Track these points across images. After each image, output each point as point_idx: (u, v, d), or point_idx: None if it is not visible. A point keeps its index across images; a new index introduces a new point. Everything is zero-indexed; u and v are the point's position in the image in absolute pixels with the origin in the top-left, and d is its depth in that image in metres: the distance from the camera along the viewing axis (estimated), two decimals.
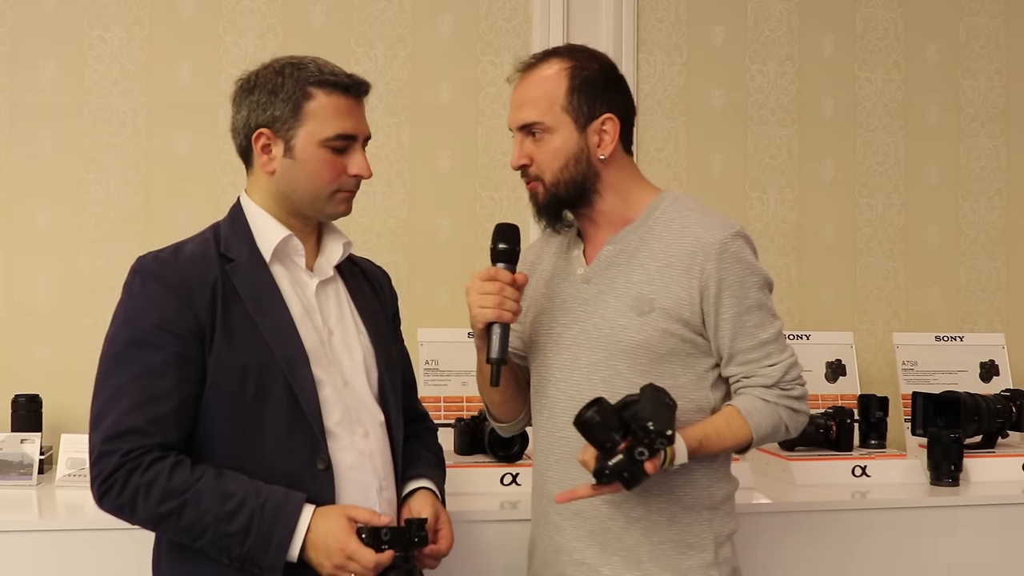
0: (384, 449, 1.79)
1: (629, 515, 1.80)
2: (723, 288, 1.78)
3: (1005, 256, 3.53)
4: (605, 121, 1.82)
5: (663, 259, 1.80)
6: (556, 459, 1.84)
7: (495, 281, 1.76)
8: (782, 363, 1.81)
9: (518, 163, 1.85)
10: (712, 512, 1.83)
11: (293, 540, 1.61)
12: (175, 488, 1.59)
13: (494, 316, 1.75)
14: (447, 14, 3.16)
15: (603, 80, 1.83)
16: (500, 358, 1.76)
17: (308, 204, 1.76)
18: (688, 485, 1.81)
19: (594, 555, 1.81)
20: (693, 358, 1.81)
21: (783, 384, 1.81)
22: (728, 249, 1.78)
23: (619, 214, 1.87)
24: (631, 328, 1.79)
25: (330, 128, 1.72)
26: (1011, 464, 2.77)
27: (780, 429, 1.83)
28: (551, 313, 1.90)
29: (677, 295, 1.78)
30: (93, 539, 2.15)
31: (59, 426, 2.68)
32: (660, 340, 1.78)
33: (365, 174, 1.77)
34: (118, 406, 1.61)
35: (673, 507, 1.80)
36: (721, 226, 1.81)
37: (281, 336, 1.69)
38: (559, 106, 1.80)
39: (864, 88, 3.45)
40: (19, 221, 2.90)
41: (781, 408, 1.81)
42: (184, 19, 2.99)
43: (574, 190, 1.83)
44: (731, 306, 1.78)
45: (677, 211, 1.84)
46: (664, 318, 1.78)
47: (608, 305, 1.82)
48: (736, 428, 1.79)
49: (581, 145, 1.81)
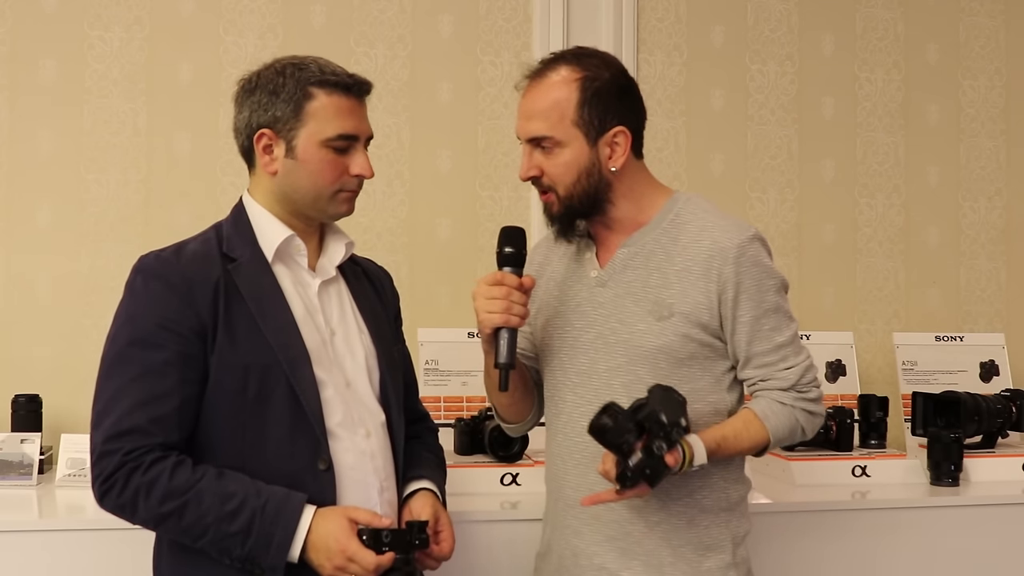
0: (385, 450, 1.79)
1: (649, 519, 1.80)
2: (741, 292, 1.78)
3: (1005, 256, 3.53)
4: (617, 134, 1.80)
5: (680, 263, 1.80)
6: (575, 464, 1.84)
7: (502, 286, 1.75)
8: (799, 366, 1.82)
9: (527, 175, 1.83)
10: (729, 513, 1.85)
11: (294, 541, 1.61)
12: (176, 488, 1.59)
13: (501, 321, 1.74)
14: (447, 14, 3.16)
15: (615, 91, 1.80)
16: (508, 363, 1.76)
17: (310, 204, 1.76)
18: (706, 487, 1.82)
19: (613, 559, 1.81)
20: (711, 361, 1.82)
21: (800, 387, 1.82)
22: (746, 253, 1.78)
23: (632, 218, 1.86)
24: (650, 333, 1.79)
25: (331, 128, 1.72)
26: (1011, 464, 2.77)
27: (797, 431, 1.84)
28: (565, 316, 1.89)
29: (696, 299, 1.78)
30: (93, 539, 2.15)
31: (59, 426, 2.68)
32: (680, 345, 1.78)
33: (367, 174, 1.76)
34: (119, 406, 1.61)
35: (692, 510, 1.81)
36: (738, 229, 1.81)
37: (283, 336, 1.69)
38: (569, 120, 1.78)
39: (864, 88, 3.45)
40: (19, 221, 2.89)
41: (798, 411, 1.82)
42: (184, 19, 2.99)
43: (587, 201, 1.82)
44: (748, 310, 1.79)
45: (692, 213, 1.84)
46: (683, 323, 1.78)
47: (626, 309, 1.82)
48: (754, 431, 1.80)
49: (592, 159, 1.79)
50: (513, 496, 2.44)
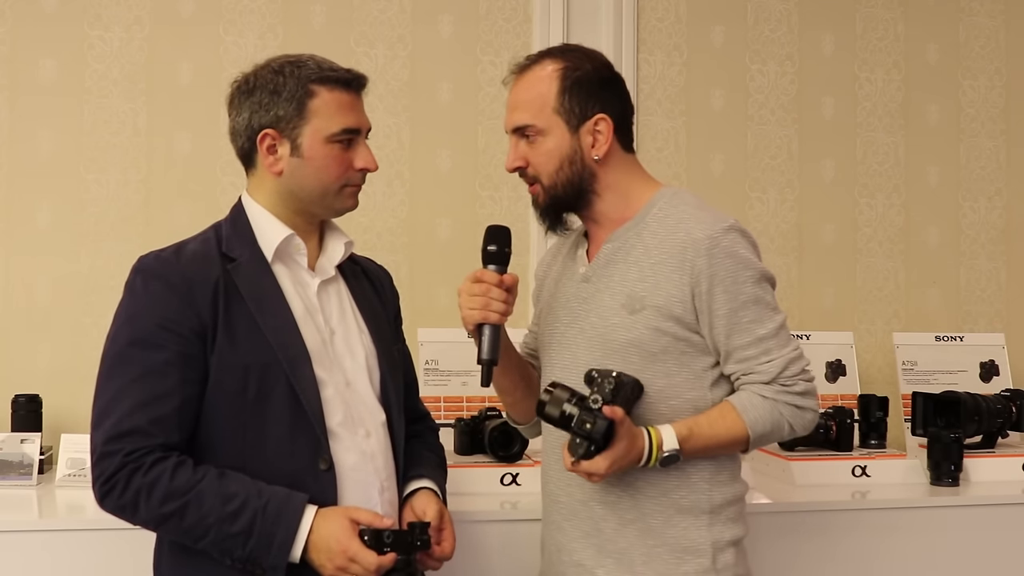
0: (386, 449, 1.79)
1: (623, 517, 1.79)
2: (715, 284, 1.74)
3: (1005, 256, 3.53)
4: (598, 121, 1.80)
5: (656, 256, 1.78)
6: (556, 459, 1.83)
7: (482, 283, 1.76)
8: (781, 358, 1.76)
9: (513, 165, 1.85)
10: (712, 516, 1.79)
11: (295, 541, 1.61)
12: (177, 489, 1.59)
13: (480, 317, 1.75)
14: (447, 14, 3.16)
15: (596, 80, 1.82)
16: (490, 359, 1.76)
17: (317, 201, 1.76)
18: (684, 487, 1.78)
19: (590, 556, 1.80)
20: (689, 356, 1.78)
21: (782, 380, 1.76)
22: (719, 244, 1.75)
23: (619, 213, 1.85)
24: (622, 327, 1.78)
25: (335, 124, 1.72)
26: (1011, 464, 2.77)
27: (783, 426, 1.79)
28: (555, 313, 1.91)
29: (668, 292, 1.76)
30: (93, 539, 2.15)
31: (59, 426, 2.68)
32: (651, 338, 1.76)
33: (371, 167, 1.78)
34: (120, 406, 1.61)
35: (668, 510, 1.78)
36: (713, 220, 1.77)
37: (283, 336, 1.69)
38: (551, 108, 1.79)
39: (864, 88, 3.45)
40: (19, 221, 2.89)
41: (781, 405, 1.77)
42: (184, 19, 2.99)
43: (572, 191, 1.82)
44: (724, 302, 1.75)
45: (673, 206, 1.82)
46: (655, 316, 1.76)
47: (603, 304, 1.82)
48: (730, 421, 1.76)
49: (574, 146, 1.80)
50: (513, 496, 2.44)
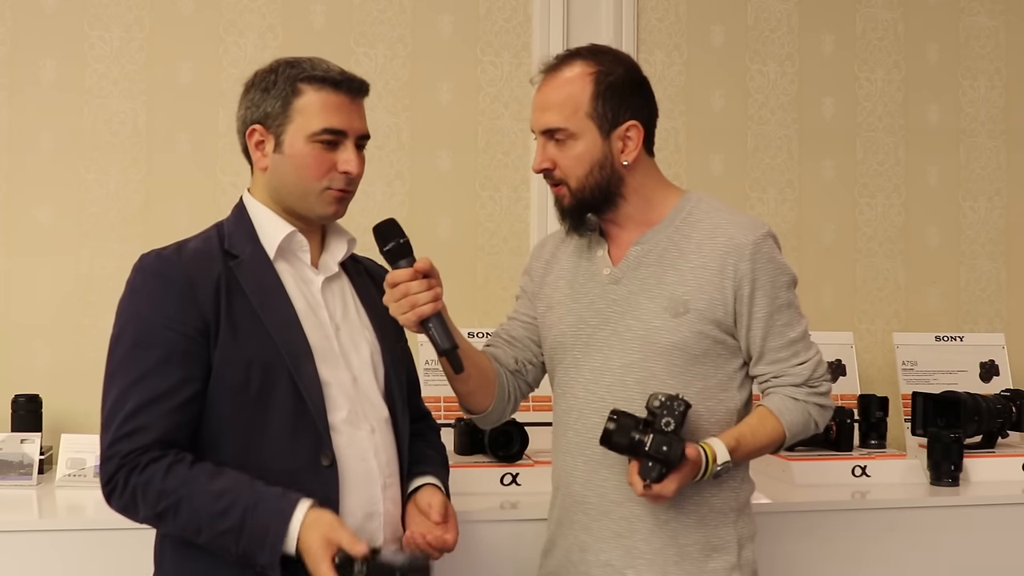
0: (389, 446, 1.79)
1: (659, 518, 1.81)
2: (757, 288, 1.81)
3: (1005, 256, 3.53)
4: (629, 128, 1.82)
5: (695, 260, 1.82)
6: (584, 460, 1.85)
7: (398, 284, 1.72)
8: (810, 361, 1.86)
9: (540, 167, 1.85)
10: (738, 514, 1.87)
11: (287, 538, 1.57)
12: (169, 488, 1.59)
13: (416, 316, 1.71)
14: (447, 14, 3.16)
15: (628, 85, 1.83)
16: (449, 347, 1.73)
17: (298, 201, 1.75)
18: (716, 486, 1.83)
19: (619, 557, 1.82)
20: (724, 359, 1.84)
21: (811, 382, 1.86)
22: (761, 249, 1.82)
23: (643, 216, 1.88)
24: (666, 330, 1.80)
25: (317, 123, 1.71)
26: (1011, 464, 2.77)
27: (810, 426, 1.88)
28: (577, 314, 1.90)
29: (711, 296, 1.80)
30: (93, 539, 2.15)
31: (59, 426, 2.68)
32: (695, 341, 1.80)
33: (352, 170, 1.74)
34: (124, 408, 1.61)
35: (702, 508, 1.83)
36: (753, 226, 1.84)
37: (285, 332, 1.69)
38: (583, 112, 1.80)
39: (864, 88, 3.45)
40: (19, 220, 2.89)
41: (810, 405, 1.86)
42: (184, 19, 2.99)
43: (599, 195, 1.84)
44: (764, 305, 1.82)
45: (705, 212, 1.87)
46: (699, 319, 1.80)
47: (641, 306, 1.83)
48: (770, 427, 1.84)
49: (605, 151, 1.82)
50: (513, 496, 2.44)
